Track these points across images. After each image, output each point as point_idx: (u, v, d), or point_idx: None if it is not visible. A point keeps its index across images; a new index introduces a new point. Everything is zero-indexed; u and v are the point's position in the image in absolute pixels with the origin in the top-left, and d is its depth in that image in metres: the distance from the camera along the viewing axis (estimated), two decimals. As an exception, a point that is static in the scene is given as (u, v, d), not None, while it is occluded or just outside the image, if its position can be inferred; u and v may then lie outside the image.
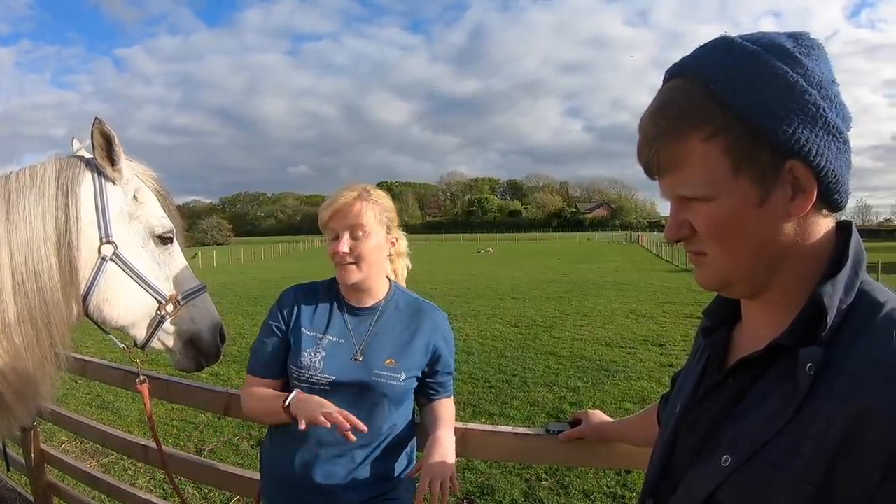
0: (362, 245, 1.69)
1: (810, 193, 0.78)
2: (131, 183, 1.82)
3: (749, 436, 0.79)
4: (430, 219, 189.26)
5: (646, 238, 65.33)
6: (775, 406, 0.77)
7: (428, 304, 1.86)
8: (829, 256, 0.82)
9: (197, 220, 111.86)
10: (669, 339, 10.47)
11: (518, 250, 55.85)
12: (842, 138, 0.79)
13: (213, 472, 2.56)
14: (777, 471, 0.74)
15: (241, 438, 5.64)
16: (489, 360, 8.95)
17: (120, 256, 1.75)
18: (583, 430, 1.69)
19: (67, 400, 6.88)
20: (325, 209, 1.72)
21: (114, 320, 1.80)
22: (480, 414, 6.42)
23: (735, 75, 0.78)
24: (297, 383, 1.70)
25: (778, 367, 0.80)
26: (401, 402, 1.76)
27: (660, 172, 0.86)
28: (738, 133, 0.78)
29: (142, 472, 4.83)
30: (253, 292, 18.84)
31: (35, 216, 1.63)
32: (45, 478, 3.47)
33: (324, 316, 1.77)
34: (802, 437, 0.73)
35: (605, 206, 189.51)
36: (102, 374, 2.92)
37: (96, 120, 1.69)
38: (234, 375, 8.00)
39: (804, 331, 0.78)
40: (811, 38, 0.80)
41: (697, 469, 0.86)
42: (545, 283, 21.30)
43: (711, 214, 0.81)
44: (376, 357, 1.71)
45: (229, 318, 13.31)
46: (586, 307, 14.77)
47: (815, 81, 0.77)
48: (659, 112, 0.84)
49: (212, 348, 1.95)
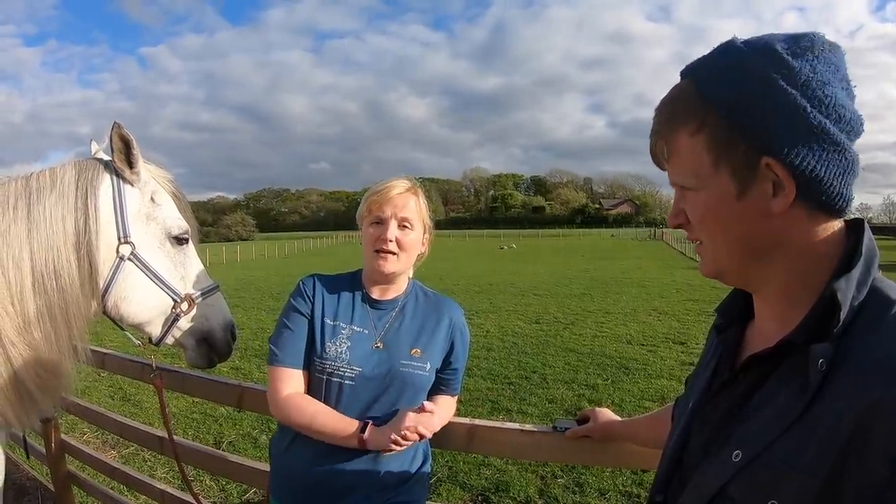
0: (408, 236, 1.71)
1: (789, 192, 0.79)
2: (148, 185, 1.88)
3: (759, 432, 0.79)
4: (453, 214, 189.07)
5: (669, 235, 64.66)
6: (785, 402, 0.78)
7: (446, 298, 1.86)
8: (839, 254, 0.82)
9: (221, 216, 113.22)
10: (691, 336, 10.35)
11: (541, 246, 55.64)
12: (829, 140, 0.79)
13: (225, 463, 2.58)
14: (786, 466, 0.74)
15: (259, 431, 5.70)
16: (509, 357, 8.93)
17: (137, 256, 1.81)
18: (590, 428, 1.67)
19: (90, 392, 7.02)
20: (377, 195, 1.72)
21: (130, 317, 1.86)
22: (498, 410, 6.41)
23: (718, 74, 0.83)
24: (321, 376, 1.67)
25: (788, 364, 0.81)
26: (422, 395, 1.74)
27: (661, 163, 0.93)
28: (717, 129, 0.82)
29: (161, 462, 4.91)
30: (275, 288, 18.99)
31: (55, 216, 1.69)
32: (64, 467, 3.55)
33: (348, 307, 1.76)
34: (812, 433, 0.73)
35: (629, 202, 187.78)
36: (121, 367, 2.97)
37: (115, 124, 1.75)
38: (255, 370, 8.09)
39: (815, 327, 0.78)
40: (814, 39, 0.80)
41: (708, 465, 0.86)
42: (567, 280, 21.19)
43: (697, 204, 0.87)
44: (400, 347, 1.70)
45: (251, 314, 13.52)
46: (608, 304, 14.68)
47: (801, 82, 0.78)
48: (659, 108, 0.91)
49: (224, 346, 2.01)
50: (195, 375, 2.50)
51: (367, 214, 1.73)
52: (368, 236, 1.71)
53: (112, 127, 1.75)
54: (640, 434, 1.56)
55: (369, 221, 1.72)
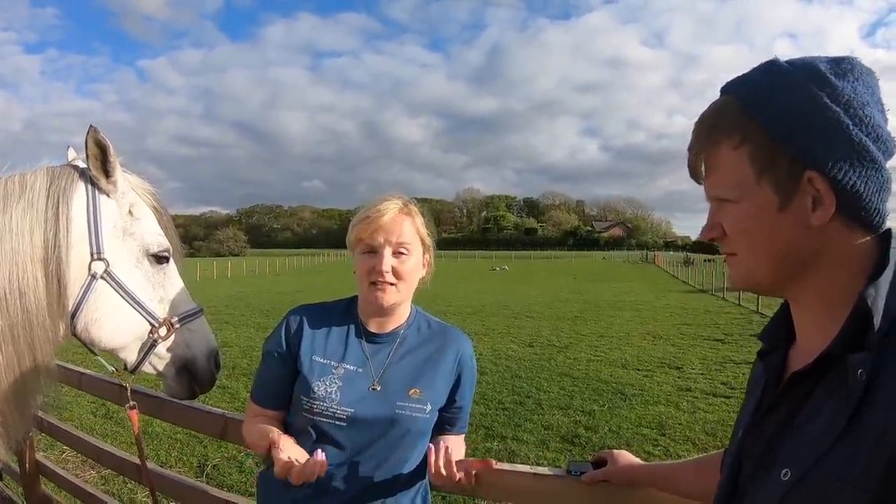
0: (405, 264, 1.53)
1: (829, 205, 0.81)
2: (127, 197, 1.72)
3: (806, 448, 0.79)
4: (445, 235, 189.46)
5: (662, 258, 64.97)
6: (830, 416, 0.77)
7: (452, 328, 1.69)
8: (872, 266, 0.83)
9: (213, 231, 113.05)
10: (686, 361, 10.26)
11: (534, 268, 55.77)
12: (869, 157, 0.81)
13: (205, 497, 2.41)
14: (836, 481, 0.73)
15: (245, 455, 5.49)
16: (503, 381, 8.77)
17: (111, 274, 1.64)
18: (609, 471, 1.51)
19: (72, 407, 6.83)
20: (366, 223, 1.54)
21: (102, 342, 1.69)
22: (493, 437, 6.24)
23: (763, 91, 0.86)
24: (310, 416, 1.52)
25: (831, 378, 0.80)
26: (424, 438, 1.58)
27: (700, 175, 0.94)
28: (761, 142, 0.85)
29: (141, 485, 4.69)
30: (266, 305, 18.80)
31: (22, 228, 1.52)
32: (39, 489, 3.42)
33: (340, 343, 1.60)
34: (859, 446, 0.72)
35: (621, 225, 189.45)
36: (98, 389, 2.83)
37: (91, 128, 1.59)
38: (243, 389, 7.90)
39: (852, 338, 0.78)
40: (853, 63, 0.85)
41: (758, 486, 0.87)
42: (561, 302, 21.12)
43: (737, 216, 0.88)
44: (398, 387, 1.54)
45: (240, 331, 13.28)
46: (602, 327, 14.59)
47: (844, 101, 0.81)
48: (700, 122, 0.93)
49: (206, 375, 1.83)
50: (175, 402, 2.32)
51: (358, 243, 1.56)
52: (362, 267, 1.54)
53: (87, 131, 1.59)
54: (683, 482, 1.39)
55: (361, 250, 1.56)
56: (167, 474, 2.69)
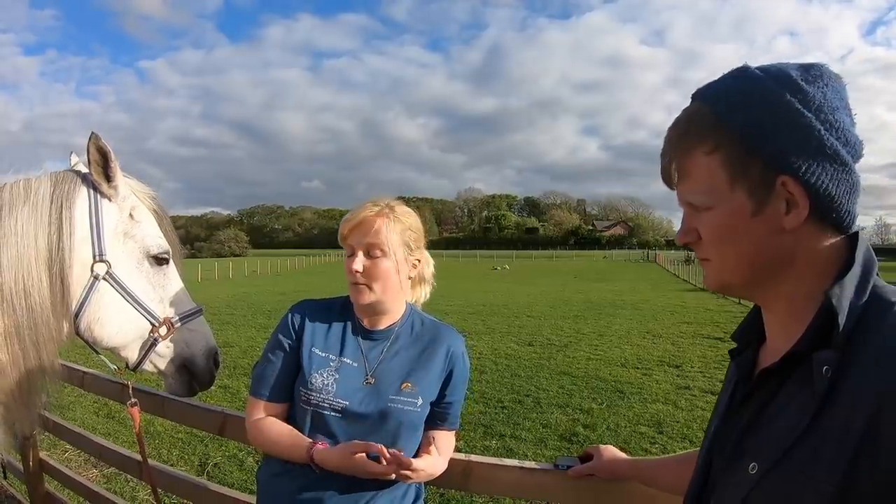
0: (378, 265, 1.58)
1: (802, 209, 0.83)
2: (127, 201, 1.79)
3: (773, 442, 0.81)
4: (447, 235, 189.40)
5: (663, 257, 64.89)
6: (796, 411, 0.80)
7: (445, 326, 1.74)
8: (839, 266, 0.85)
9: (214, 232, 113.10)
10: (686, 360, 10.28)
11: (535, 268, 55.71)
12: (839, 161, 0.84)
13: (206, 492, 2.45)
14: (802, 474, 0.76)
15: (246, 453, 5.55)
16: (502, 380, 8.81)
17: (113, 276, 1.71)
18: (594, 466, 1.56)
19: (74, 407, 6.88)
20: (345, 223, 1.62)
21: (104, 341, 1.75)
22: (492, 435, 6.28)
23: (736, 97, 0.87)
24: (306, 406, 1.57)
25: (798, 375, 0.83)
26: (416, 432, 1.63)
27: (673, 182, 0.95)
28: (734, 148, 0.86)
29: (143, 484, 4.74)
30: (266, 305, 18.84)
31: (27, 231, 1.59)
32: (43, 487, 3.45)
33: (338, 337, 1.65)
34: (824, 440, 0.75)
35: (622, 224, 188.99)
36: (101, 388, 2.86)
37: (92, 135, 1.65)
38: (244, 388, 7.92)
39: (819, 336, 0.81)
40: (822, 69, 0.87)
41: (727, 480, 0.89)
42: (561, 302, 21.13)
43: (711, 221, 0.90)
44: (390, 382, 1.59)
45: (242, 331, 13.32)
46: (602, 326, 14.60)
47: (815, 106, 0.83)
48: (672, 129, 0.94)
49: (206, 373, 1.90)
50: (175, 400, 2.37)
51: (342, 243, 1.64)
52: (345, 266, 1.62)
53: (89, 137, 1.65)
54: (664, 477, 1.43)
55: (346, 251, 1.63)
56: (169, 471, 2.72)
